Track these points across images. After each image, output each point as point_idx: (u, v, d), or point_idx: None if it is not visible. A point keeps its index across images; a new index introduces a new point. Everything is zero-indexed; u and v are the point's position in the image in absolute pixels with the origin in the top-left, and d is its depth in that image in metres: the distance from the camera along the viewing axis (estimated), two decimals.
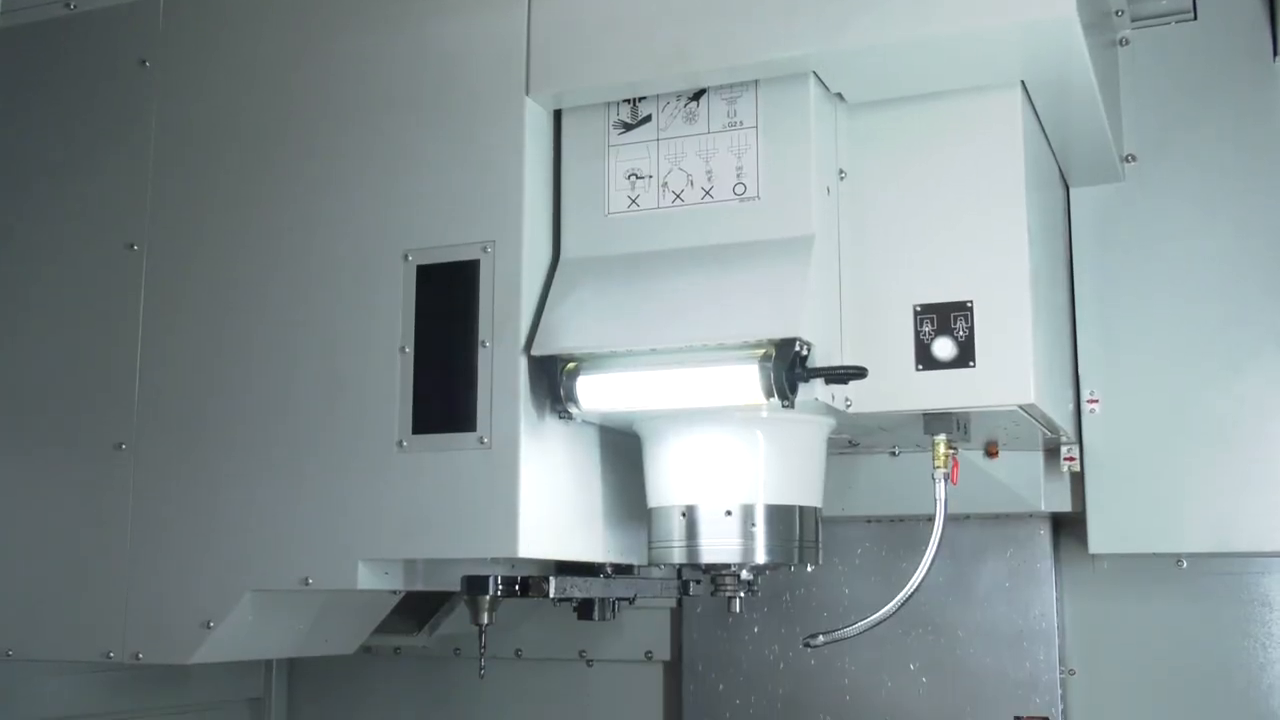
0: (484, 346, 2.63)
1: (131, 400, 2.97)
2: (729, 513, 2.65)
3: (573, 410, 2.63)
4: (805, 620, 3.75)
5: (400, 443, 2.68)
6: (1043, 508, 3.45)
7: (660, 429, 2.74)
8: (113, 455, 2.96)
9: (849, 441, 3.24)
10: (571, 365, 2.60)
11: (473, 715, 4.32)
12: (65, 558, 3.00)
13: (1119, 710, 3.64)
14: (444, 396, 2.65)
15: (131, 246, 3.04)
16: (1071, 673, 3.67)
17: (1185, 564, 3.48)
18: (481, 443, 2.60)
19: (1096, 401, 3.30)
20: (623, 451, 2.90)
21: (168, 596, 2.88)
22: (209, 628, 2.81)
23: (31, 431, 3.09)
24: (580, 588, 2.88)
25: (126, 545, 2.93)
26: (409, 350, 2.70)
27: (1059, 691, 3.60)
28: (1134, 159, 3.39)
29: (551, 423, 2.67)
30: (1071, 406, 3.25)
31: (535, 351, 2.61)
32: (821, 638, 2.88)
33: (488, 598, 2.87)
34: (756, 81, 2.67)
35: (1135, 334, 3.32)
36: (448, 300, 2.68)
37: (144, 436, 2.95)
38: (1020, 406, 2.66)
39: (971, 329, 2.63)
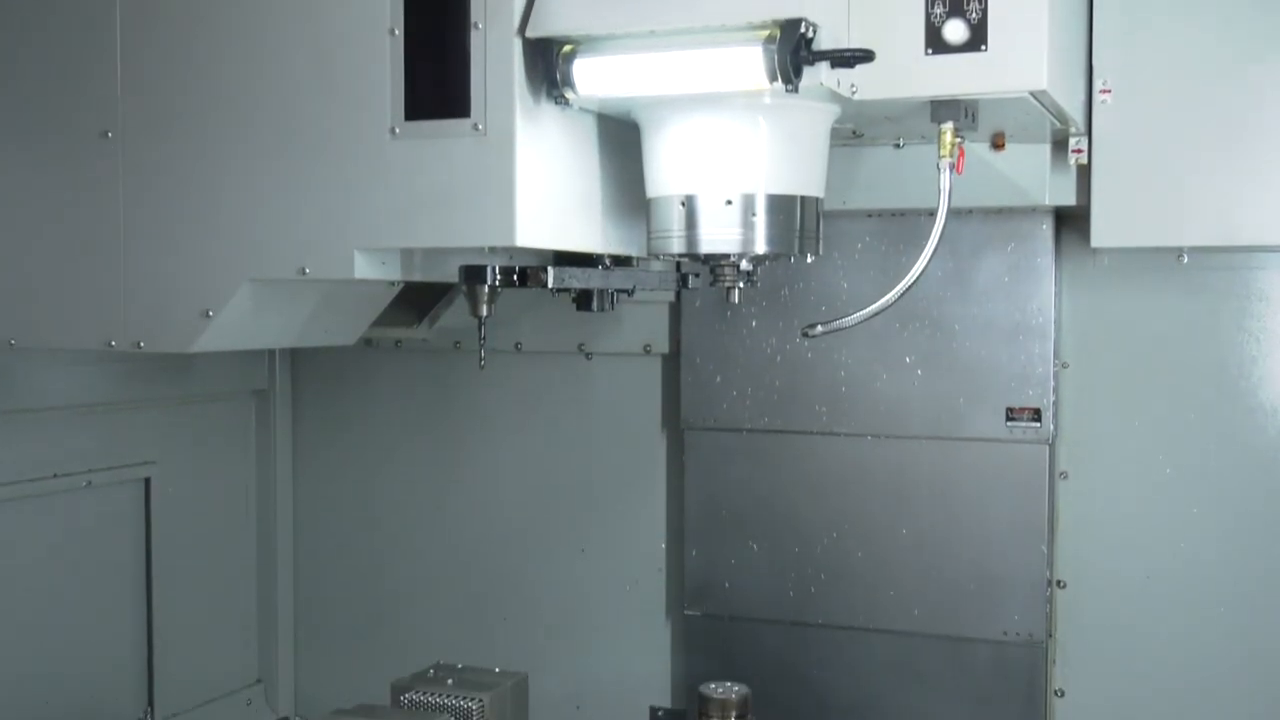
0: (476, 28, 2.52)
1: (113, 87, 2.88)
2: (729, 202, 2.62)
3: (569, 95, 2.55)
4: (803, 313, 3.76)
5: (393, 130, 2.61)
6: (1046, 201, 3.42)
7: (659, 116, 2.67)
8: (99, 143, 2.90)
9: (853, 132, 3.18)
10: (568, 48, 2.51)
11: (473, 407, 4.41)
12: (60, 248, 2.98)
13: (1109, 402, 3.71)
14: (436, 81, 2.57)
15: None
16: (1065, 366, 3.72)
17: (1186, 258, 3.47)
18: (476, 129, 2.53)
19: (1109, 92, 3.20)
20: (622, 142, 2.84)
21: (166, 286, 2.88)
22: (208, 316, 2.82)
23: (12, 122, 3.01)
24: (579, 278, 2.88)
25: (120, 235, 2.90)
26: (398, 33, 2.60)
27: (1051, 384, 3.65)
28: None
29: (548, 109, 2.59)
30: (1083, 97, 3.17)
31: (530, 33, 2.51)
32: (820, 327, 2.89)
33: (486, 288, 2.86)
34: None
35: (1151, 22, 3.19)
36: None
37: (129, 124, 2.88)
38: (1032, 93, 2.58)
39: (985, 10, 2.52)
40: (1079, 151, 3.23)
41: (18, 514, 3.74)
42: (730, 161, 2.61)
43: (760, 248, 2.64)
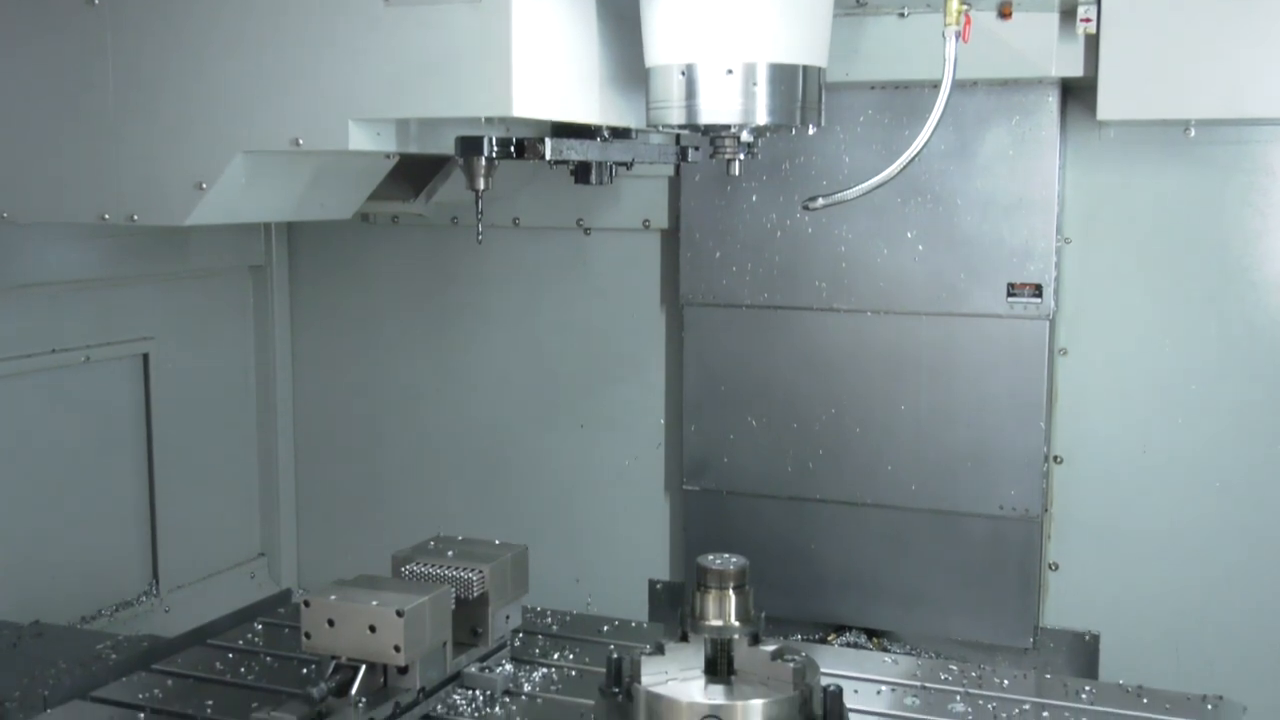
0: None
1: None
2: (730, 71, 2.56)
3: None
4: (804, 188, 3.71)
5: None
6: (1053, 72, 3.37)
7: None
8: (85, 11, 2.83)
9: (856, 0, 3.10)
10: None
11: (471, 282, 4.39)
12: (50, 120, 2.94)
13: (1111, 278, 3.69)
14: None
15: None
16: (1067, 241, 3.69)
17: (1193, 132, 3.42)
18: None
19: None
20: (621, 9, 2.77)
21: (158, 158, 2.84)
22: (202, 189, 2.79)
23: None
24: (577, 150, 2.83)
25: (110, 106, 2.85)
26: None
27: (1053, 260, 3.63)
28: None
29: None
30: None
31: None
32: (821, 200, 2.86)
33: (483, 161, 2.81)
34: None
35: None
36: None
37: None
38: None
39: None
40: (1087, 20, 3.17)
41: (17, 389, 3.75)
42: (731, 29, 2.54)
43: (761, 118, 2.58)
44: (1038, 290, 3.62)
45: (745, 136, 2.68)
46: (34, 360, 3.78)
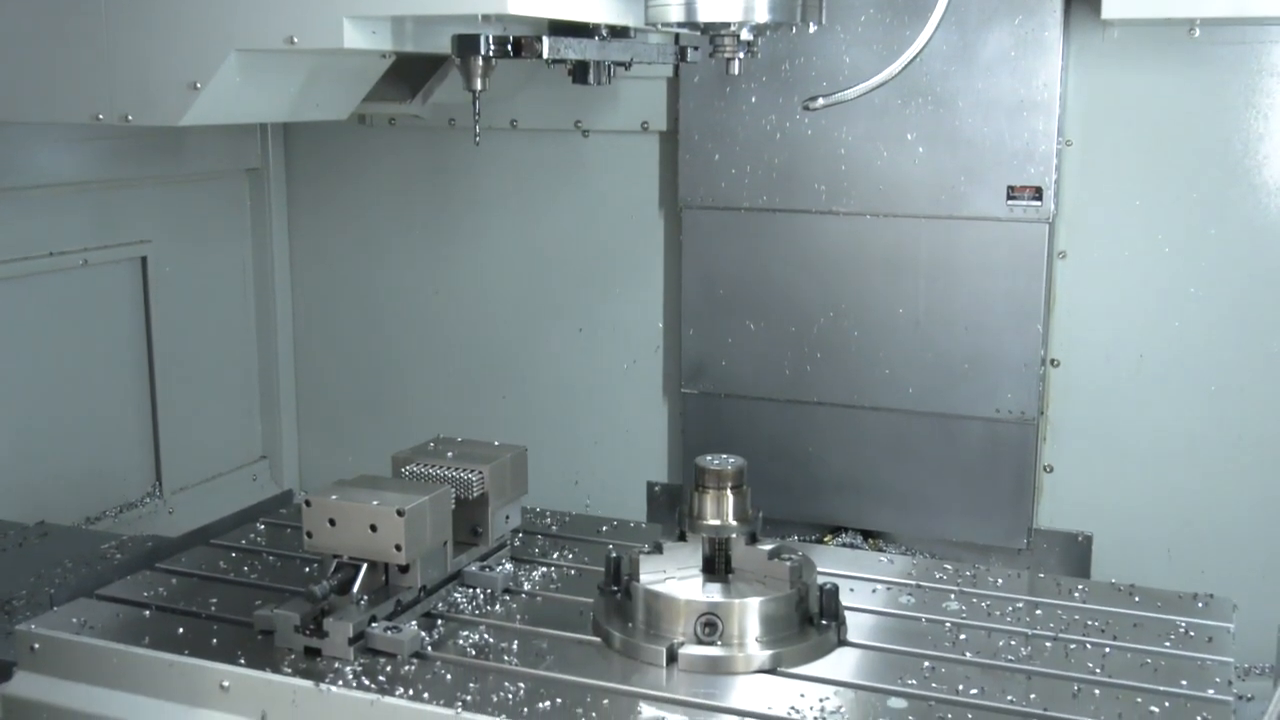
0: None
1: None
2: None
3: None
4: (804, 89, 3.68)
5: None
6: None
7: None
8: None
9: None
10: None
11: (469, 184, 4.37)
12: (42, 19, 2.90)
13: (1111, 180, 3.66)
14: None
15: None
16: (1069, 143, 3.66)
17: (1198, 31, 3.37)
18: None
19: None
20: None
21: (152, 58, 2.81)
22: (196, 89, 2.77)
23: None
24: (575, 49, 2.79)
25: (103, 4, 2.82)
26: None
27: (1054, 162, 3.60)
28: None
29: None
30: None
31: None
32: (820, 100, 2.84)
33: (480, 60, 2.78)
34: None
35: None
36: None
37: None
38: None
39: None
40: None
41: (15, 292, 3.75)
42: None
43: (762, 15, 2.55)
44: (1038, 193, 3.61)
45: (745, 35, 2.65)
46: (32, 263, 3.77)
